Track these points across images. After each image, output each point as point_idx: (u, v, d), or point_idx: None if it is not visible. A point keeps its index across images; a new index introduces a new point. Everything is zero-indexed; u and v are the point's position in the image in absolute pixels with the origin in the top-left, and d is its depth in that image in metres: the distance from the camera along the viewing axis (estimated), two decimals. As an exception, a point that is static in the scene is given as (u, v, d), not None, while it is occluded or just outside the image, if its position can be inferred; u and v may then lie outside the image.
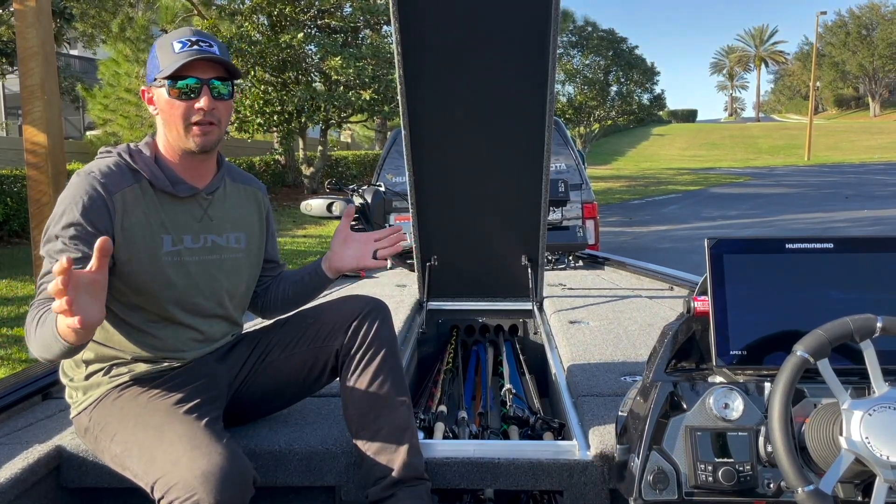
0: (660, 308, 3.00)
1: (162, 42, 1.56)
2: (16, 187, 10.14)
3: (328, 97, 13.97)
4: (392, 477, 1.55)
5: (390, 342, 1.68)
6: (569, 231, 4.36)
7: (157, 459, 1.38)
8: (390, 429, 1.59)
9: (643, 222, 14.03)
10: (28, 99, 4.18)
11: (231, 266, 1.69)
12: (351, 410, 1.63)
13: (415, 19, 2.17)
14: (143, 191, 1.56)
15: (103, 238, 1.21)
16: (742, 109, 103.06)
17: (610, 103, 31.26)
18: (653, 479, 1.28)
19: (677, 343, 1.47)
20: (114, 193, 1.51)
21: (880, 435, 1.10)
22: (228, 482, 1.31)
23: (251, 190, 1.79)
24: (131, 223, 1.52)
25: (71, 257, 1.16)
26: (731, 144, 44.44)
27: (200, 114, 1.53)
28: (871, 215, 13.53)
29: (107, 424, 1.53)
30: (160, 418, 1.47)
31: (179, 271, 1.58)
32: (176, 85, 1.52)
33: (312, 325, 1.71)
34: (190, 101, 1.52)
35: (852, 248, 1.39)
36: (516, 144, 2.49)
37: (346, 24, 15.46)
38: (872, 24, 65.00)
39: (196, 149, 1.56)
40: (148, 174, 1.57)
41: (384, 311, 1.71)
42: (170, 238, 1.58)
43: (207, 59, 1.52)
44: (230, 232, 1.69)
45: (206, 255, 1.64)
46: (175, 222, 1.59)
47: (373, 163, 20.32)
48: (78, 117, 24.58)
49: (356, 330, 1.66)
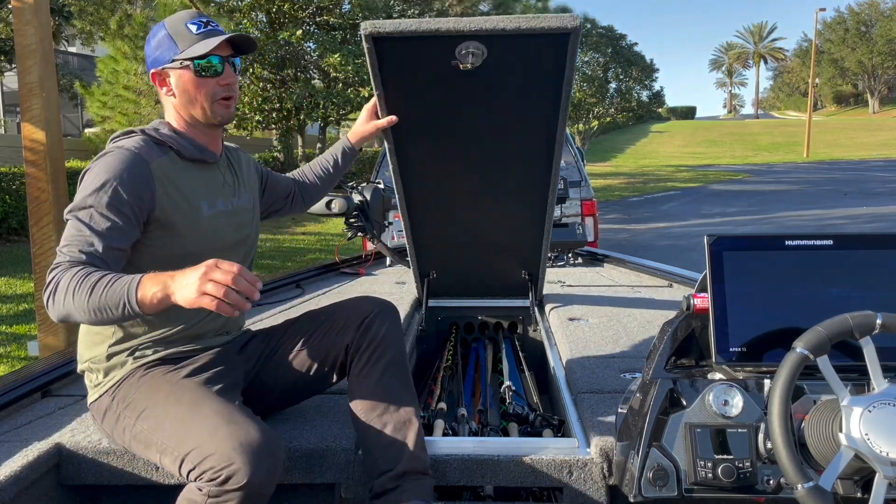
0: (659, 305, 3.00)
1: (173, 25, 1.64)
2: (14, 185, 10.13)
3: (327, 94, 13.97)
4: (398, 469, 1.56)
5: (399, 344, 1.72)
6: (568, 228, 4.36)
7: (193, 431, 1.41)
8: (397, 424, 1.61)
9: (642, 219, 14.04)
10: (26, 96, 4.17)
11: (249, 224, 1.80)
12: (358, 405, 1.64)
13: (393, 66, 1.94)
14: (173, 161, 1.63)
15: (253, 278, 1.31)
16: (741, 106, 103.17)
17: (609, 100, 31.28)
18: (652, 476, 1.28)
19: (677, 340, 1.47)
20: (150, 163, 1.57)
21: (880, 431, 1.10)
22: (265, 454, 1.35)
23: (236, 152, 1.89)
24: (172, 190, 1.59)
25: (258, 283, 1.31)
26: (730, 141, 44.44)
27: (227, 89, 1.65)
28: (869, 212, 13.53)
29: (133, 402, 1.55)
30: (194, 394, 1.52)
31: (217, 234, 1.67)
32: (201, 65, 1.61)
33: (324, 323, 1.75)
34: (213, 78, 1.62)
35: (852, 244, 1.39)
36: (521, 167, 2.33)
37: (345, 22, 15.44)
38: (871, 21, 64.99)
39: (220, 121, 1.67)
40: (175, 145, 1.64)
41: (394, 313, 1.76)
42: (206, 203, 1.66)
43: (231, 38, 1.62)
44: (243, 192, 1.81)
45: (234, 218, 1.74)
46: (206, 188, 1.68)
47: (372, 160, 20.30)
48: (76, 115, 24.56)
49: (367, 328, 1.70)
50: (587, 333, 2.54)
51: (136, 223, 1.53)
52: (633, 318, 2.77)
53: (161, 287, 1.33)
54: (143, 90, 15.81)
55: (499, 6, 19.33)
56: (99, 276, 1.38)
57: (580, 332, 2.55)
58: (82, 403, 1.89)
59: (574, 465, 1.62)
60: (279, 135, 16.49)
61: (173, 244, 1.59)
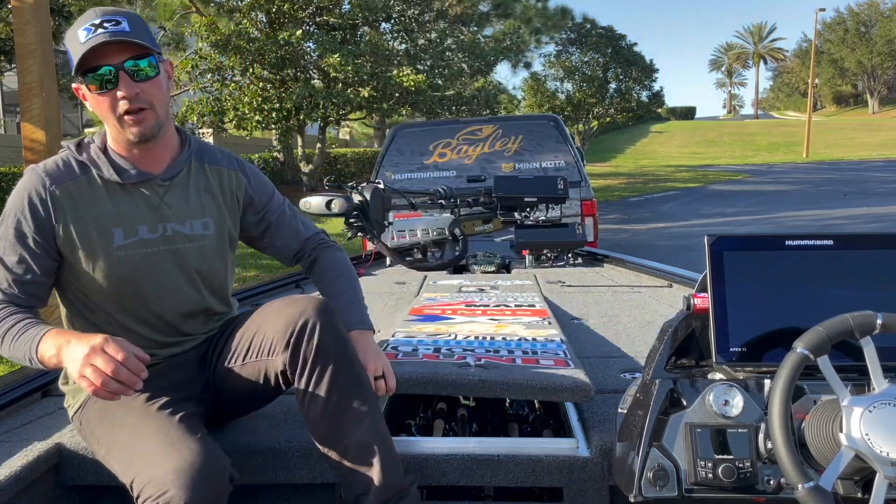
0: (659, 305, 3.00)
1: (70, 33, 1.44)
2: (14, 184, 10.12)
3: (327, 94, 13.95)
4: (371, 500, 1.46)
5: (337, 351, 1.49)
6: (568, 228, 4.36)
7: (134, 457, 1.36)
8: (358, 446, 1.47)
9: (642, 219, 14.04)
10: (26, 96, 4.17)
11: (197, 254, 1.59)
12: (314, 431, 1.51)
13: None
14: (90, 183, 1.50)
15: (144, 357, 1.28)
16: (741, 107, 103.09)
17: (609, 100, 31.29)
18: (652, 476, 1.28)
19: (677, 340, 1.47)
20: (55, 189, 1.47)
21: (880, 431, 1.10)
22: (200, 478, 1.27)
23: (218, 169, 1.66)
24: (75, 217, 1.47)
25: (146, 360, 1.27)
26: (729, 142, 44.41)
27: (125, 104, 1.42)
28: (869, 212, 13.54)
29: (93, 428, 1.53)
30: (135, 416, 1.45)
31: (137, 265, 1.51)
32: (92, 80, 1.41)
33: (256, 336, 1.56)
34: (111, 93, 1.42)
35: (852, 244, 1.39)
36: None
37: (345, 22, 15.44)
38: (871, 21, 65.00)
39: (136, 138, 1.46)
40: (93, 165, 1.50)
41: (324, 313, 1.50)
42: (121, 230, 1.50)
43: (116, 41, 1.38)
44: (194, 219, 1.58)
45: (167, 245, 1.54)
46: (126, 213, 1.51)
47: (371, 160, 20.30)
48: (76, 114, 24.55)
49: (296, 346, 1.48)
50: (587, 333, 2.54)
51: (44, 253, 1.47)
52: (632, 318, 2.77)
53: (56, 352, 1.32)
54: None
55: (499, 6, 19.34)
56: (11, 322, 1.38)
57: (580, 332, 2.55)
58: (82, 403, 1.89)
59: (574, 465, 1.62)
60: (279, 135, 16.47)
61: (88, 278, 1.49)
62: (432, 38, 16.62)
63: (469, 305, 2.80)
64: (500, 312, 2.62)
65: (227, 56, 13.43)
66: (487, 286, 3.50)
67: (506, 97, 24.27)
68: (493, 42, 19.38)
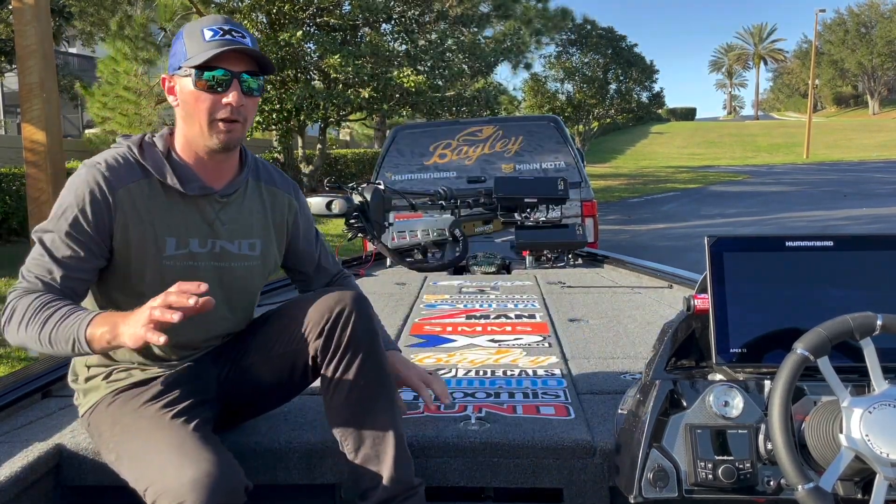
0: (659, 306, 3.00)
1: (190, 28, 1.46)
2: (14, 185, 10.13)
3: (327, 95, 13.96)
4: (381, 494, 1.48)
5: (368, 342, 1.53)
6: (568, 229, 4.36)
7: (146, 468, 1.35)
8: (374, 438, 1.49)
9: (642, 220, 14.04)
10: (27, 97, 4.17)
11: (242, 274, 1.61)
12: (333, 418, 1.54)
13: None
14: (151, 187, 1.48)
15: (206, 299, 1.22)
16: (741, 107, 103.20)
17: (609, 101, 31.32)
18: (653, 477, 1.28)
19: (677, 341, 1.47)
20: (117, 189, 1.44)
21: (880, 432, 1.10)
22: (217, 489, 1.26)
23: (275, 191, 1.68)
24: (133, 221, 1.46)
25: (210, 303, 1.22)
26: (729, 142, 44.42)
27: (227, 109, 1.43)
28: (869, 213, 13.54)
29: (102, 432, 1.51)
30: (147, 424, 1.43)
31: (181, 276, 1.44)
32: (203, 76, 1.42)
33: (288, 326, 1.59)
34: (217, 95, 1.43)
35: (852, 246, 1.39)
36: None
37: (345, 23, 15.43)
38: (871, 22, 65.03)
39: (219, 146, 1.47)
40: (156, 171, 1.48)
41: (359, 304, 1.54)
42: (174, 241, 1.50)
43: (240, 50, 1.42)
44: (243, 238, 1.59)
45: (215, 262, 1.55)
46: (182, 224, 1.51)
47: (372, 161, 20.30)
48: (76, 115, 24.57)
49: (329, 333, 1.50)
50: (587, 334, 2.55)
51: (98, 252, 1.45)
52: (633, 319, 2.77)
53: (110, 328, 1.28)
54: (143, 91, 15.82)
55: (499, 7, 19.33)
56: (53, 308, 1.33)
57: (580, 333, 2.56)
58: (82, 404, 1.89)
59: (574, 467, 1.62)
60: (279, 136, 16.48)
61: (134, 281, 1.48)
62: (433, 39, 16.61)
63: (469, 317, 2.83)
64: (501, 328, 2.65)
65: (227, 57, 13.43)
66: (487, 287, 3.50)
67: (506, 98, 24.26)
68: (494, 43, 19.37)
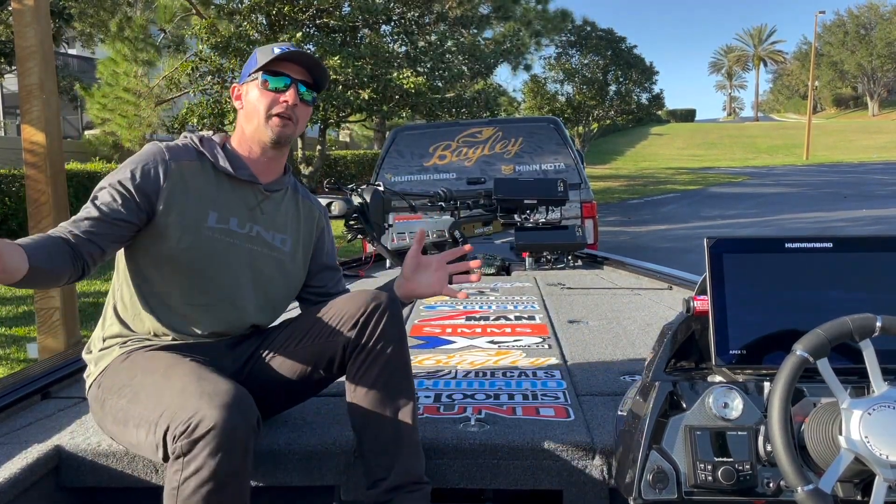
0: (659, 307, 3.00)
1: (263, 47, 1.70)
2: (14, 187, 10.14)
3: (326, 96, 13.96)
4: (390, 482, 1.53)
5: (399, 339, 1.64)
6: (568, 230, 4.36)
7: (164, 395, 1.41)
8: (393, 429, 1.57)
9: (642, 222, 14.05)
10: (26, 98, 4.17)
11: (272, 264, 1.73)
12: (355, 407, 1.60)
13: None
14: (204, 168, 1.66)
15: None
16: (741, 109, 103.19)
17: (608, 103, 31.28)
18: (652, 479, 1.28)
19: (676, 342, 1.47)
20: (172, 162, 1.62)
21: (880, 434, 1.10)
22: (234, 405, 1.32)
23: (310, 205, 1.85)
24: (181, 190, 1.61)
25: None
26: (729, 144, 44.45)
27: (283, 106, 1.64)
28: (869, 214, 13.54)
29: (114, 384, 1.56)
30: (166, 362, 1.52)
31: (217, 250, 1.63)
32: (268, 79, 1.65)
33: (319, 321, 1.67)
34: (277, 94, 1.65)
35: (852, 247, 1.39)
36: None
37: (345, 24, 15.43)
38: (871, 24, 65.10)
39: (272, 138, 1.65)
40: (211, 155, 1.67)
41: (394, 305, 1.66)
42: (216, 215, 1.64)
43: (302, 63, 1.66)
44: (277, 232, 1.74)
45: (248, 244, 1.68)
46: (225, 202, 1.66)
47: (371, 162, 20.31)
48: (76, 117, 24.57)
49: (364, 325, 1.61)
50: (587, 336, 2.55)
51: (136, 208, 1.56)
52: (632, 320, 2.77)
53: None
54: (142, 92, 15.82)
55: (499, 8, 19.34)
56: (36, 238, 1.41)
57: (580, 335, 2.56)
58: (82, 405, 1.89)
59: (574, 468, 1.61)
60: (279, 137, 16.46)
61: (172, 248, 1.59)
62: (432, 41, 16.61)
63: (469, 318, 2.82)
64: (501, 329, 2.65)
65: (227, 58, 13.42)
66: (487, 288, 3.51)
67: (506, 99, 24.28)
68: (494, 44, 19.37)
